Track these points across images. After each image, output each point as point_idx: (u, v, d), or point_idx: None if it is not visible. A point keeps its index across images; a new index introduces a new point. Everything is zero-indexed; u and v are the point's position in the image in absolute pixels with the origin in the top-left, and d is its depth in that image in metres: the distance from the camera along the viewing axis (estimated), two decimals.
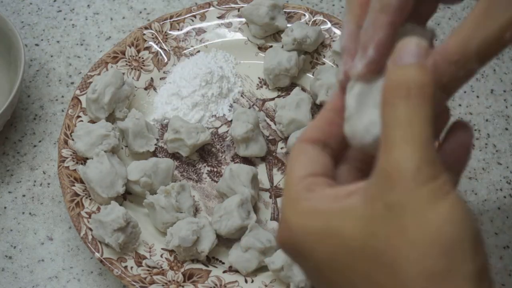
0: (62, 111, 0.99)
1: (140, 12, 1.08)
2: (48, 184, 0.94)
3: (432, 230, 0.47)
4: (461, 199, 0.48)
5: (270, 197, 0.92)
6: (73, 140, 0.90)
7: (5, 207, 0.93)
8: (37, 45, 1.05)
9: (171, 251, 0.86)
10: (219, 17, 1.02)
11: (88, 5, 1.08)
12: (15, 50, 0.95)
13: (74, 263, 0.89)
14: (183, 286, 0.84)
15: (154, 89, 0.98)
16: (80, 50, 1.04)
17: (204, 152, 0.94)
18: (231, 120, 0.94)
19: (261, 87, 0.99)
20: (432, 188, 0.48)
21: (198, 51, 1.00)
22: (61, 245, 0.90)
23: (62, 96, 1.00)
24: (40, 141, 0.97)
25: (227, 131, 0.96)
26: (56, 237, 0.91)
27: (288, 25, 1.00)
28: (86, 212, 0.87)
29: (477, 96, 1.01)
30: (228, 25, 1.02)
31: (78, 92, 0.95)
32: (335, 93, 0.56)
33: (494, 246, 0.91)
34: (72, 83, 1.01)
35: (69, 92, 1.01)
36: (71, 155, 0.91)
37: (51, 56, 1.04)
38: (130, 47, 0.99)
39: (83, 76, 0.97)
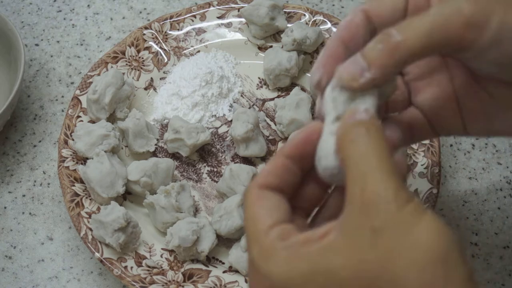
0: (62, 111, 0.99)
1: (140, 12, 1.08)
2: (48, 184, 0.94)
3: (423, 245, 0.50)
4: (437, 215, 0.51)
5: None
6: (73, 140, 0.90)
7: (5, 207, 0.93)
8: (37, 45, 1.05)
9: (171, 251, 0.86)
10: (219, 17, 1.02)
11: (88, 5, 1.08)
12: (15, 50, 0.95)
13: (74, 263, 0.89)
14: (183, 286, 0.84)
15: (154, 89, 0.98)
16: (80, 50, 1.04)
17: (204, 152, 0.94)
18: (231, 120, 0.94)
19: (261, 87, 0.99)
20: (412, 209, 0.50)
21: (198, 51, 1.00)
22: (61, 245, 0.90)
23: (62, 96, 1.01)
24: (40, 141, 0.97)
25: (227, 131, 0.96)
26: (56, 237, 0.91)
27: (288, 25, 1.00)
28: (86, 212, 0.87)
29: None
30: (228, 25, 1.02)
31: (78, 92, 0.95)
32: (295, 140, 0.58)
33: (494, 246, 0.91)
34: (72, 83, 1.01)
35: (69, 92, 1.01)
36: (71, 155, 0.91)
37: (51, 56, 1.04)
38: (130, 47, 0.99)
39: (83, 76, 0.97)
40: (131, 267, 0.85)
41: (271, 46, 1.00)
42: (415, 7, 0.61)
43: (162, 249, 0.87)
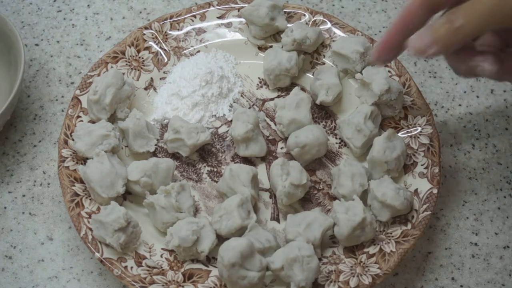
0: (62, 111, 1.00)
1: (140, 12, 1.08)
2: (48, 184, 0.95)
3: None
4: None
5: (270, 197, 0.92)
6: (73, 140, 0.91)
7: (5, 207, 0.93)
8: (37, 45, 1.05)
9: (171, 251, 0.87)
10: (219, 17, 1.02)
11: (88, 5, 1.09)
12: (15, 50, 0.95)
13: (74, 263, 0.90)
14: (183, 286, 0.84)
15: (154, 89, 0.98)
16: (80, 50, 1.05)
17: (204, 152, 0.95)
18: (231, 120, 0.95)
19: (261, 87, 0.99)
20: None
21: (198, 51, 1.01)
22: (61, 245, 0.91)
23: (62, 96, 1.01)
24: (40, 141, 0.97)
25: (227, 131, 0.96)
26: (56, 237, 0.91)
27: (288, 25, 1.00)
28: (86, 212, 0.88)
29: (477, 96, 1.01)
30: (228, 25, 1.02)
31: (78, 92, 0.95)
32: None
33: (494, 246, 0.91)
34: (72, 83, 1.02)
35: (69, 92, 1.01)
36: (71, 155, 0.91)
37: (51, 56, 1.04)
38: (130, 47, 0.99)
39: (83, 76, 0.98)
40: (131, 267, 0.85)
41: (271, 46, 1.00)
42: None
43: (162, 249, 0.87)
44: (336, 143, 0.96)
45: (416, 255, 0.91)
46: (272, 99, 0.99)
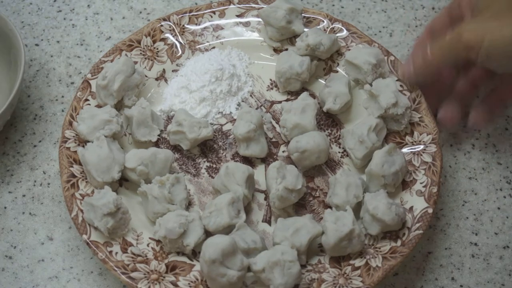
0: (62, 111, 1.04)
1: (140, 12, 1.11)
2: (48, 184, 0.98)
3: None
4: None
5: (265, 199, 0.99)
6: (77, 122, 0.92)
7: (5, 207, 0.97)
8: (37, 45, 1.08)
9: (158, 241, 0.95)
10: (238, 16, 1.08)
11: (88, 5, 1.12)
12: (15, 50, 1.01)
13: (74, 263, 0.94)
14: (164, 277, 0.89)
15: (165, 80, 1.05)
16: (80, 50, 1.08)
17: (206, 148, 1.00)
18: None
19: (271, 89, 1.05)
20: None
21: (213, 47, 1.09)
22: (61, 245, 0.95)
23: (62, 96, 1.05)
24: (40, 141, 1.01)
25: (231, 129, 0.97)
26: (56, 237, 0.96)
27: (305, 30, 1.01)
28: (80, 194, 0.99)
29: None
30: (246, 24, 1.10)
31: (89, 75, 1.06)
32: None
33: (494, 246, 0.95)
34: (72, 83, 1.06)
35: (69, 92, 1.06)
36: (73, 136, 0.96)
37: (51, 56, 1.08)
38: (146, 37, 1.07)
39: (96, 61, 1.11)
40: (116, 253, 0.96)
41: (286, 49, 1.02)
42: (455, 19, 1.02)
43: (150, 238, 1.00)
44: (339, 152, 1.03)
45: (416, 255, 0.96)
46: (281, 102, 1.02)
